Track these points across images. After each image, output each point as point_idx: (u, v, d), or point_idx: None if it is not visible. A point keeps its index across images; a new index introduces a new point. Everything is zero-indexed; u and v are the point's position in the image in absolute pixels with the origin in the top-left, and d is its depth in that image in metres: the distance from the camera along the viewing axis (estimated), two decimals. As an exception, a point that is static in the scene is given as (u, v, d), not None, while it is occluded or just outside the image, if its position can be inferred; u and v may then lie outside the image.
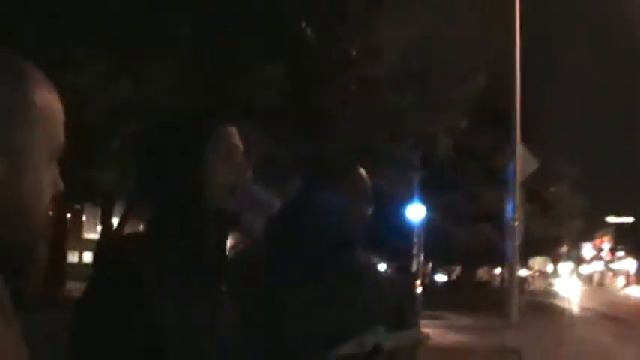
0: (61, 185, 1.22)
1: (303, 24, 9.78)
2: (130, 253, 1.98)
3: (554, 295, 59.49)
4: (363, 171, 2.66)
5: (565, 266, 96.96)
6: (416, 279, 27.22)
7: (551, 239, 46.39)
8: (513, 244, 15.94)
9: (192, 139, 2.04)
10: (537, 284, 62.54)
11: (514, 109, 15.81)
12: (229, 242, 2.16)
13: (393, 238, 29.67)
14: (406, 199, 26.75)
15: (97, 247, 2.10)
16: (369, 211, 2.64)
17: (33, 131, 1.15)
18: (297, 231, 2.60)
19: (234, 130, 2.12)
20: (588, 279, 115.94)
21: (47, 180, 1.18)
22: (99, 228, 16.63)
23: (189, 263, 1.99)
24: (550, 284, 66.69)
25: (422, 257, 29.01)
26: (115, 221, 15.80)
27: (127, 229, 16.75)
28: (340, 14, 10.10)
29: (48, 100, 1.18)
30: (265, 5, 9.28)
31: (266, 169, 12.47)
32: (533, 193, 32.23)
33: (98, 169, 11.71)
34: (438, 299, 30.54)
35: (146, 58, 9.14)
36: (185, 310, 1.94)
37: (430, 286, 43.74)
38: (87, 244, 28.87)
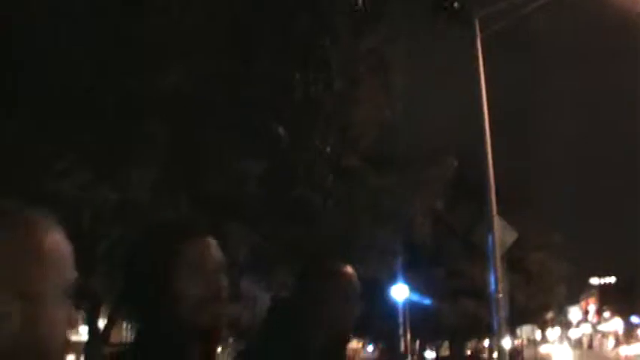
0: (75, 319, 1.31)
1: (276, 126, 10.02)
2: None
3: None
4: (350, 269, 2.75)
5: (553, 332, 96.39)
6: (405, 359, 27.03)
7: (537, 307, 46.22)
8: (499, 316, 15.87)
9: (163, 254, 2.07)
10: (527, 354, 61.93)
11: (488, 183, 15.94)
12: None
13: (379, 320, 29.64)
14: (389, 281, 26.77)
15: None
16: (359, 309, 2.71)
17: (47, 275, 1.23)
18: (299, 324, 2.65)
19: (208, 242, 2.13)
20: (578, 343, 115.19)
21: (62, 317, 1.26)
22: (85, 330, 16.48)
23: None
24: (539, 353, 66.10)
25: (409, 336, 28.86)
26: (102, 323, 15.71)
27: (114, 333, 16.61)
28: (312, 113, 10.37)
29: (57, 243, 1.28)
30: (239, 106, 9.52)
31: (252, 263, 12.58)
32: (516, 263, 32.38)
33: (85, 273, 11.72)
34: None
35: (126, 164, 9.28)
36: None
37: (420, 363, 43.33)
38: (74, 347, 28.50)
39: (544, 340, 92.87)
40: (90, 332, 14.13)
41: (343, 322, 2.68)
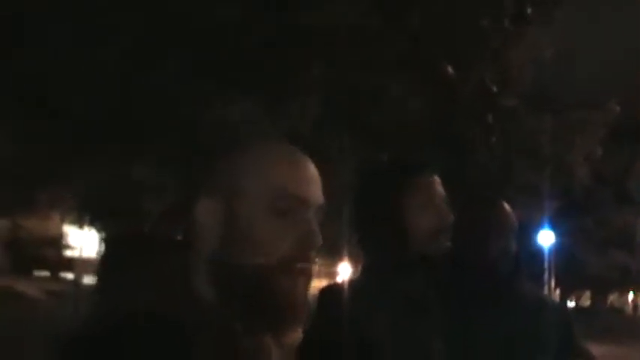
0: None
1: (444, 62, 9.98)
2: (346, 295, 2.18)
3: None
4: (507, 205, 2.76)
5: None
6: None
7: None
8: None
9: (397, 187, 2.20)
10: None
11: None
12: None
13: (525, 264, 29.15)
14: (537, 225, 26.34)
15: (320, 291, 2.25)
16: (514, 245, 2.70)
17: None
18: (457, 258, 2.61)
19: (434, 179, 2.26)
20: None
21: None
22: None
23: (399, 305, 2.16)
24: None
25: (552, 283, 28.41)
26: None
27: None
28: (479, 49, 10.24)
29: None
30: (410, 42, 9.55)
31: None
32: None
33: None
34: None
35: (289, 98, 9.53)
36: (398, 348, 2.11)
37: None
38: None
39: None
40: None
41: (497, 252, 2.66)
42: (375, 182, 2.28)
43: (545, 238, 27.71)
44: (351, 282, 2.42)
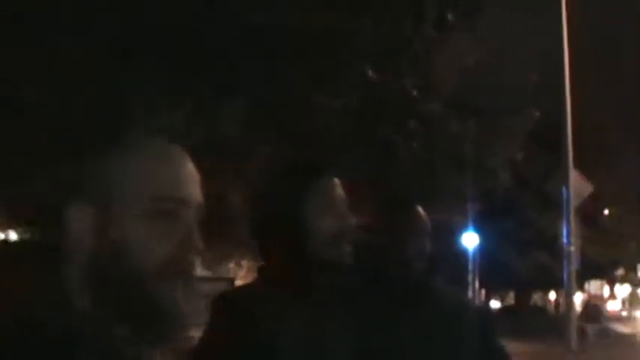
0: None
1: (366, 65, 10.14)
2: (243, 301, 2.17)
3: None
4: (420, 208, 2.85)
5: (622, 289, 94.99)
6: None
7: (608, 262, 45.80)
8: (570, 269, 15.81)
9: (297, 189, 2.17)
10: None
11: (565, 134, 15.80)
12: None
13: (448, 265, 29.68)
14: (461, 227, 26.82)
15: (214, 297, 2.18)
16: (428, 246, 2.79)
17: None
18: (381, 259, 2.75)
19: (334, 182, 2.23)
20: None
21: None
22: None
23: (294, 308, 2.13)
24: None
25: (476, 284, 28.96)
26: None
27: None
28: (401, 54, 10.45)
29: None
30: (330, 45, 9.64)
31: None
32: (589, 216, 32.06)
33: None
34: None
35: (217, 99, 9.53)
36: (293, 352, 2.07)
37: (485, 312, 43.40)
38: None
39: (612, 296, 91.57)
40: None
41: (412, 254, 2.76)
42: (274, 185, 2.26)
43: (470, 240, 28.24)
44: (247, 288, 2.43)
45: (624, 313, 73.03)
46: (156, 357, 1.29)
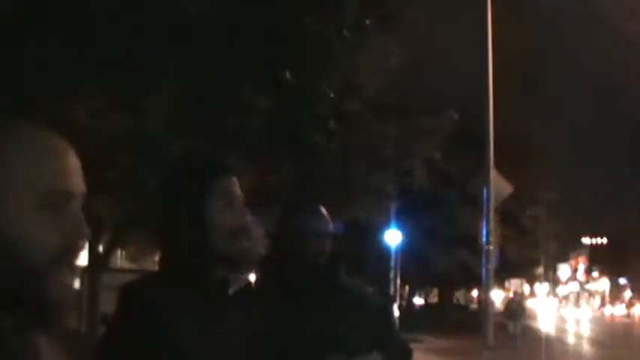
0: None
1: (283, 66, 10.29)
2: (148, 293, 2.25)
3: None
4: (322, 208, 3.05)
5: (542, 288, 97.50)
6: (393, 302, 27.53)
7: (528, 261, 46.79)
8: (488, 268, 16.08)
9: (198, 186, 2.27)
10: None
11: (487, 134, 16.09)
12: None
13: (371, 263, 30.08)
14: (383, 225, 27.11)
15: (121, 289, 2.25)
16: (328, 245, 2.99)
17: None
18: (281, 259, 3.00)
19: (234, 180, 2.35)
20: (565, 300, 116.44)
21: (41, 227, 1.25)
22: (85, 256, 16.77)
23: (196, 300, 2.22)
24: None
25: (398, 281, 29.37)
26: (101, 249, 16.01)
27: (113, 258, 16.98)
28: (320, 56, 10.62)
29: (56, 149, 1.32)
30: (251, 45, 9.74)
31: (252, 199, 12.85)
32: (510, 216, 32.78)
33: (88, 198, 12.01)
34: (416, 322, 30.80)
35: (143, 93, 9.48)
36: (195, 343, 2.17)
37: (407, 309, 44.02)
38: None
39: (532, 294, 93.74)
40: (90, 256, 14.41)
41: (314, 255, 2.95)
42: (177, 184, 2.34)
43: (392, 238, 28.58)
44: (151, 279, 2.51)
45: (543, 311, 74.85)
46: (43, 344, 1.29)
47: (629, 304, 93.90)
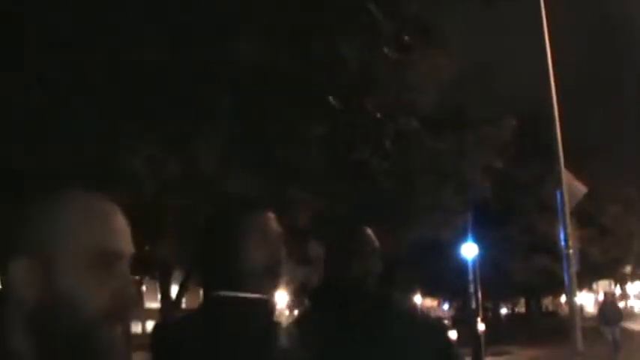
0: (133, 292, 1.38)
1: (330, 97, 10.25)
2: (184, 336, 2.23)
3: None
4: (369, 230, 3.00)
5: (633, 287, 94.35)
6: (476, 316, 27.03)
7: (613, 261, 45.64)
8: (570, 273, 15.65)
9: (231, 226, 2.28)
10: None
11: (555, 136, 15.72)
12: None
13: (451, 279, 29.78)
14: (458, 240, 26.79)
15: (153, 330, 2.26)
16: (377, 266, 2.94)
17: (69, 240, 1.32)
18: (327, 284, 2.97)
19: (269, 215, 2.34)
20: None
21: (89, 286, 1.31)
22: (159, 297, 17.02)
23: (237, 345, 2.19)
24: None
25: (480, 294, 28.78)
26: (175, 289, 16.17)
27: (187, 298, 17.10)
28: (364, 79, 10.54)
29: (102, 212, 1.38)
30: (294, 76, 9.72)
31: (318, 227, 12.72)
32: (589, 216, 32.01)
33: (153, 243, 12.17)
34: (503, 334, 30.24)
35: (192, 137, 9.55)
36: None
37: (494, 320, 43.26)
38: (149, 314, 29.48)
39: (623, 295, 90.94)
40: (162, 299, 14.59)
41: (359, 277, 2.89)
42: (212, 222, 2.37)
43: (469, 251, 28.10)
44: (185, 319, 2.53)
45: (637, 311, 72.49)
46: None
47: None
